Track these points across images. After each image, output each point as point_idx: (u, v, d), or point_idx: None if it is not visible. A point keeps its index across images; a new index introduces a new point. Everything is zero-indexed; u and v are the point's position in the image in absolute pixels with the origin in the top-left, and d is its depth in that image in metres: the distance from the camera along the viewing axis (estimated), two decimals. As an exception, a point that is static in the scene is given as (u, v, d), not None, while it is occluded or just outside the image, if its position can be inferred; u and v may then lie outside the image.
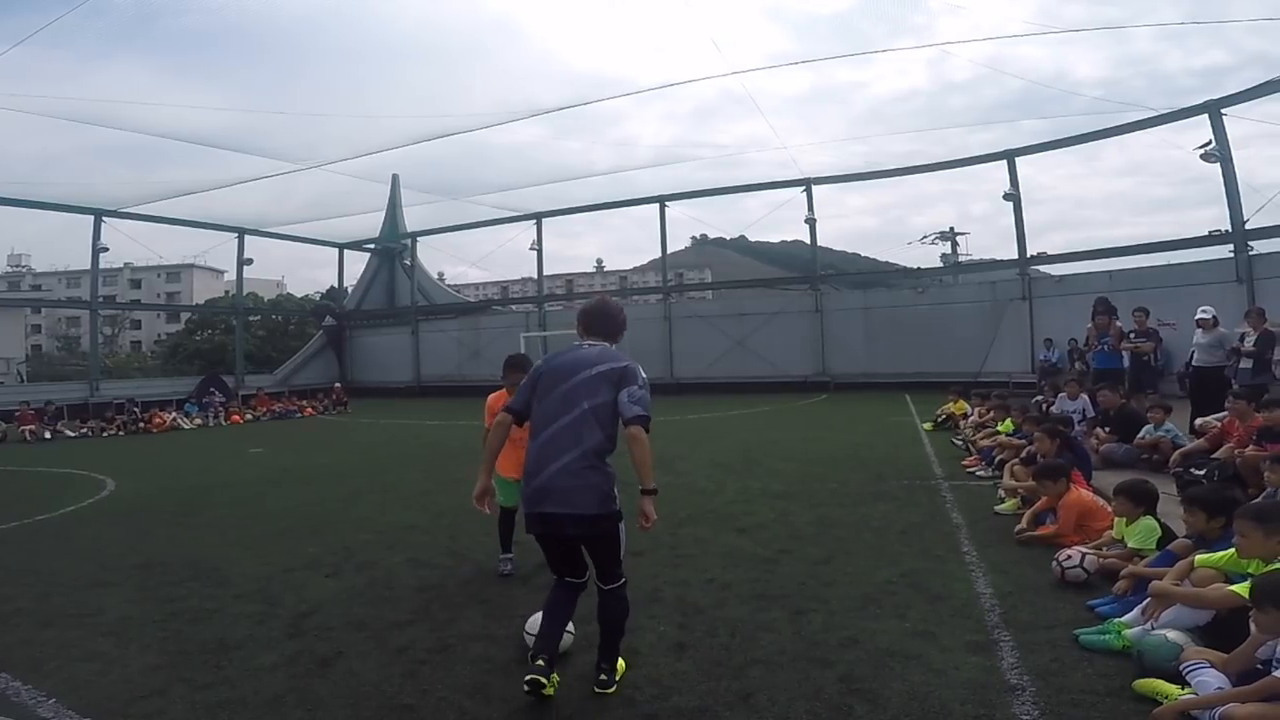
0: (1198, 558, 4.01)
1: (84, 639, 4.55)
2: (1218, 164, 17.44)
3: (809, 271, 27.43)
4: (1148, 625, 3.77)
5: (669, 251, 30.37)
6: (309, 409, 25.38)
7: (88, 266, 26.90)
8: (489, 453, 3.83)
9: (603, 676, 3.55)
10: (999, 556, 5.56)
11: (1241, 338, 10.62)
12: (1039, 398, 13.10)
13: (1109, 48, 22.61)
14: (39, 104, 18.50)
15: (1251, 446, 6.53)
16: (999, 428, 10.41)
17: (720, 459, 11.07)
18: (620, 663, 3.72)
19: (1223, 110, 17.35)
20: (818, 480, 9.02)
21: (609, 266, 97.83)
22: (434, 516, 7.77)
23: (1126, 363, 12.54)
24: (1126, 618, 3.98)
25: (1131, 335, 12.85)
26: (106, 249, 26.16)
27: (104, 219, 25.67)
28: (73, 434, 20.18)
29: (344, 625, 4.65)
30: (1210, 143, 17.37)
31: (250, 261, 30.86)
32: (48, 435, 19.67)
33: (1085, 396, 10.64)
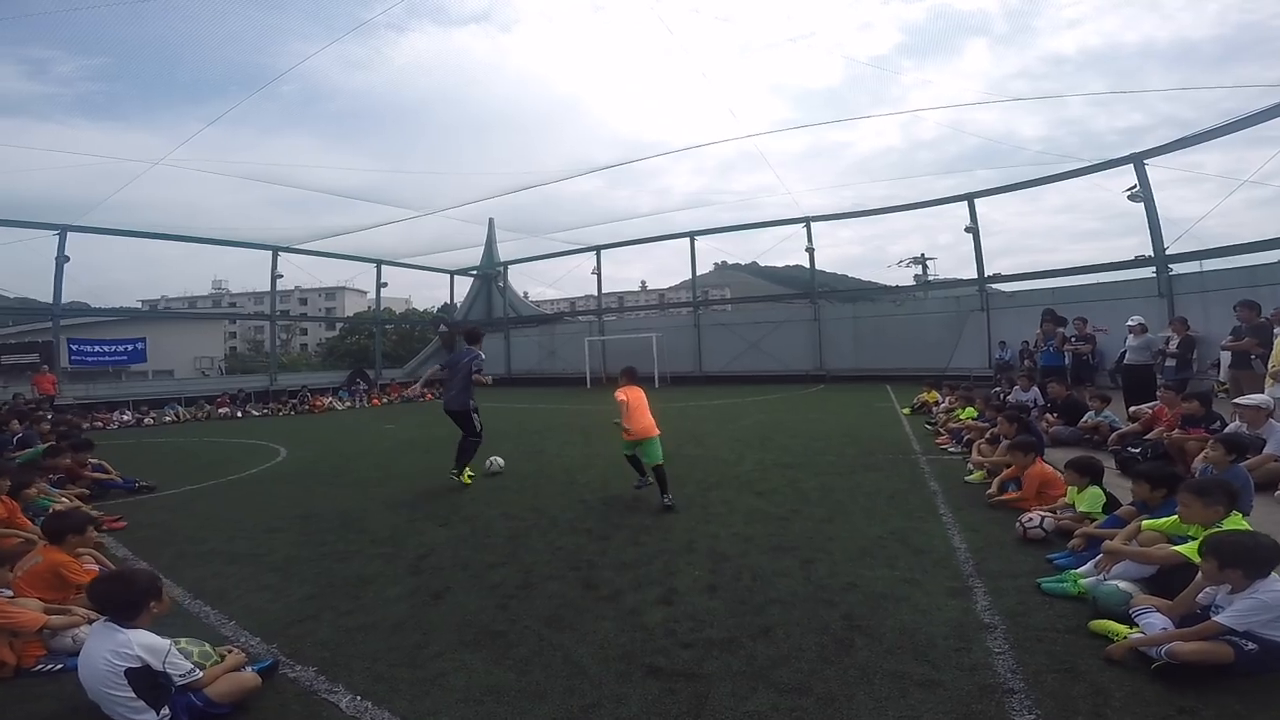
0: (1144, 522, 3.73)
1: (258, 574, 4.59)
2: (1141, 203, 16.61)
3: (809, 289, 26.80)
4: (1100, 576, 3.53)
5: (697, 274, 29.82)
6: (429, 395, 25.54)
7: (269, 289, 27.65)
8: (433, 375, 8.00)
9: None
10: (971, 517, 5.28)
11: (1167, 341, 10.28)
12: (997, 389, 12.58)
13: (1047, 113, 21.77)
14: (231, 167, 19.07)
15: (1177, 431, 6.22)
16: (960, 414, 9.90)
17: (740, 436, 10.81)
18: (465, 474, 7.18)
19: (1145, 161, 16.57)
20: (819, 454, 8.71)
21: (651, 286, 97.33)
22: (520, 479, 7.70)
23: (1068, 361, 12.13)
24: (1081, 569, 3.72)
25: (1072, 339, 12.48)
26: (282, 275, 26.67)
27: (280, 253, 26.33)
28: (257, 414, 20.74)
29: (452, 565, 4.62)
30: (1135, 186, 16.57)
31: (386, 284, 31.28)
32: (239, 415, 20.26)
33: (1036, 388, 10.17)
